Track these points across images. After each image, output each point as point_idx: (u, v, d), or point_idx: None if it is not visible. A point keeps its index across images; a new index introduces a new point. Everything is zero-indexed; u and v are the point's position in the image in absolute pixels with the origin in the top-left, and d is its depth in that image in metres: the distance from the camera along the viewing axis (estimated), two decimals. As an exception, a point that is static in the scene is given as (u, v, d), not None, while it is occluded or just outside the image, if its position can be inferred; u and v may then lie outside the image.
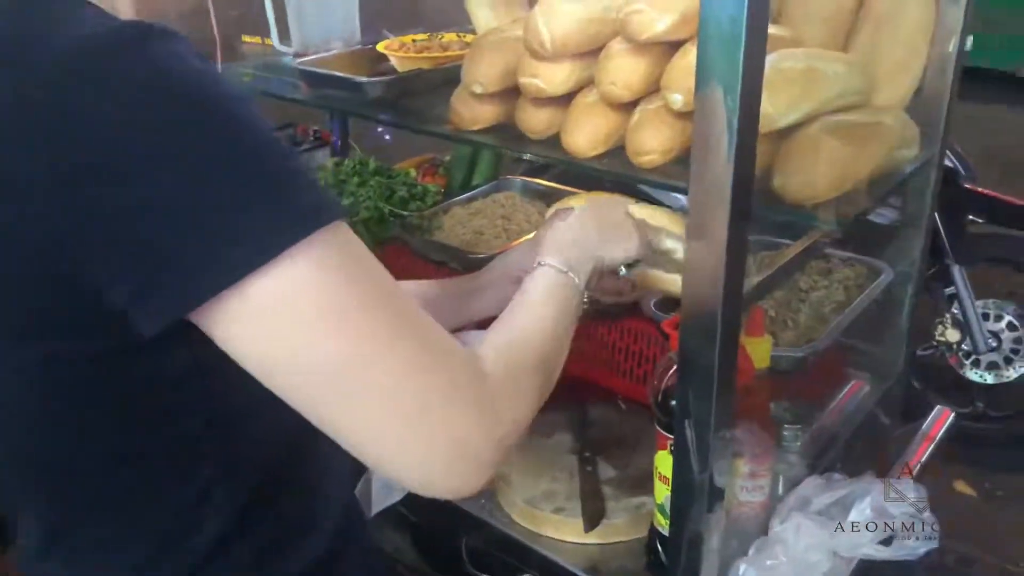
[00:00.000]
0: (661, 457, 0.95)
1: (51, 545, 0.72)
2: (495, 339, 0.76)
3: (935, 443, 1.26)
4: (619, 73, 0.98)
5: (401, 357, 0.60)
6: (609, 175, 1.04)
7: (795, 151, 0.93)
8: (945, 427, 1.28)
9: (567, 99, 1.05)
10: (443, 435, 0.62)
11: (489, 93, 1.09)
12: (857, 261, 1.33)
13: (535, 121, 1.08)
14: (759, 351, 0.97)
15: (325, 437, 0.63)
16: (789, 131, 0.93)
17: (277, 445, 0.73)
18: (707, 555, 0.89)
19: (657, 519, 0.99)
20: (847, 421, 1.27)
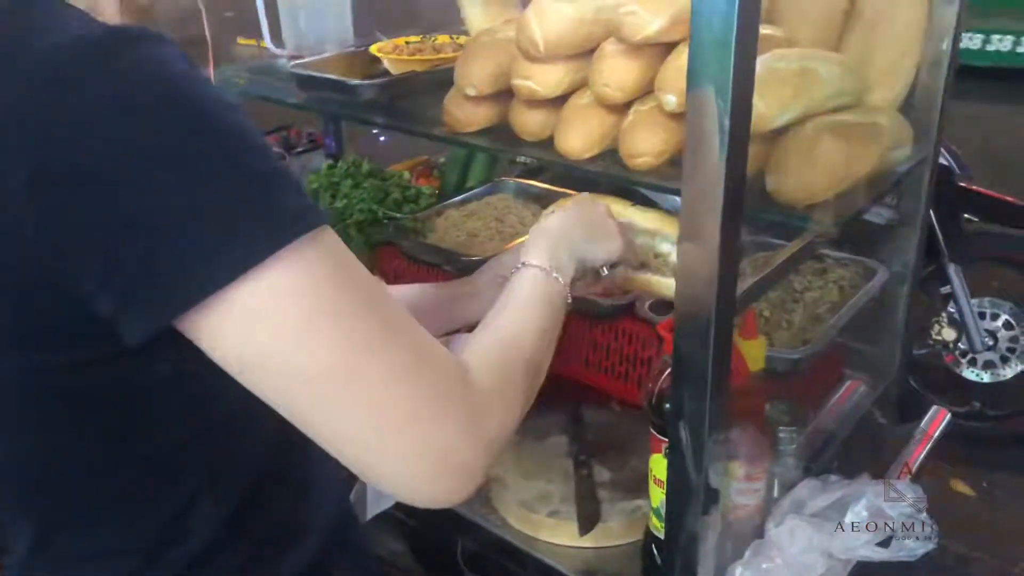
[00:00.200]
0: (656, 460, 0.94)
1: (37, 554, 0.72)
2: (481, 343, 0.75)
3: (931, 443, 1.26)
4: (612, 75, 0.98)
5: (388, 365, 0.60)
6: (603, 177, 1.03)
7: (789, 152, 0.92)
8: (941, 427, 1.28)
9: (561, 101, 1.05)
10: (430, 444, 0.61)
11: (482, 95, 1.09)
12: (852, 261, 1.33)
13: (529, 123, 1.08)
14: (754, 353, 0.97)
15: (315, 443, 0.62)
16: (783, 132, 0.93)
17: (265, 451, 0.73)
18: (703, 558, 0.89)
19: (652, 522, 0.99)
20: (843, 422, 1.27)
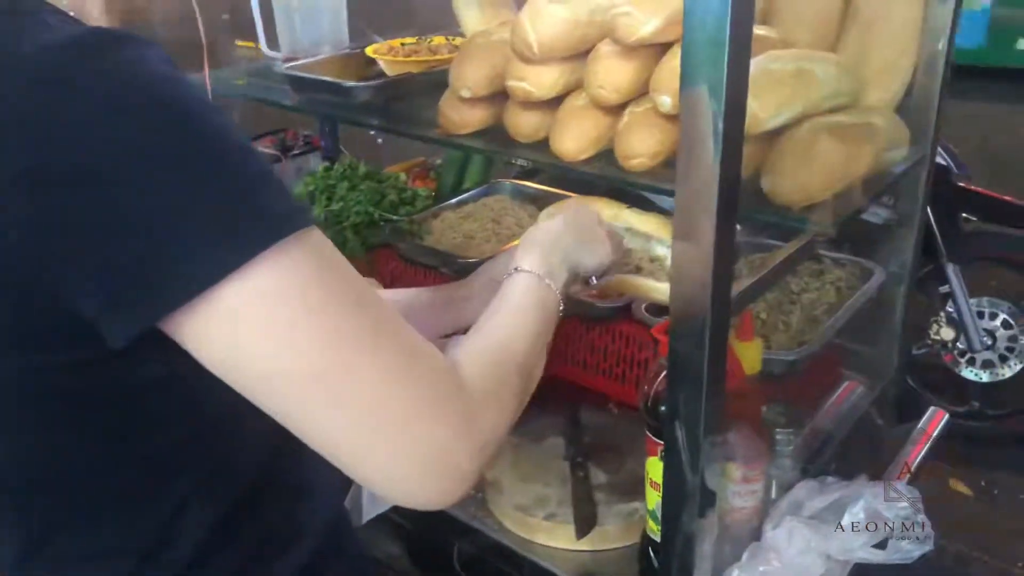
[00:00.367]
0: (652, 463, 0.94)
1: (29, 557, 0.71)
2: (473, 346, 0.75)
3: (929, 444, 1.25)
4: (607, 76, 0.98)
5: (378, 366, 0.60)
6: (597, 178, 1.03)
7: (785, 152, 0.92)
8: (938, 429, 1.27)
9: (556, 102, 1.04)
10: (421, 447, 0.61)
11: (477, 97, 1.09)
12: (849, 262, 1.32)
13: (524, 125, 1.07)
14: (750, 355, 0.96)
15: (309, 447, 0.62)
16: (779, 132, 0.93)
17: (259, 455, 0.72)
18: (699, 561, 0.88)
19: (649, 525, 0.98)
20: (841, 423, 1.27)
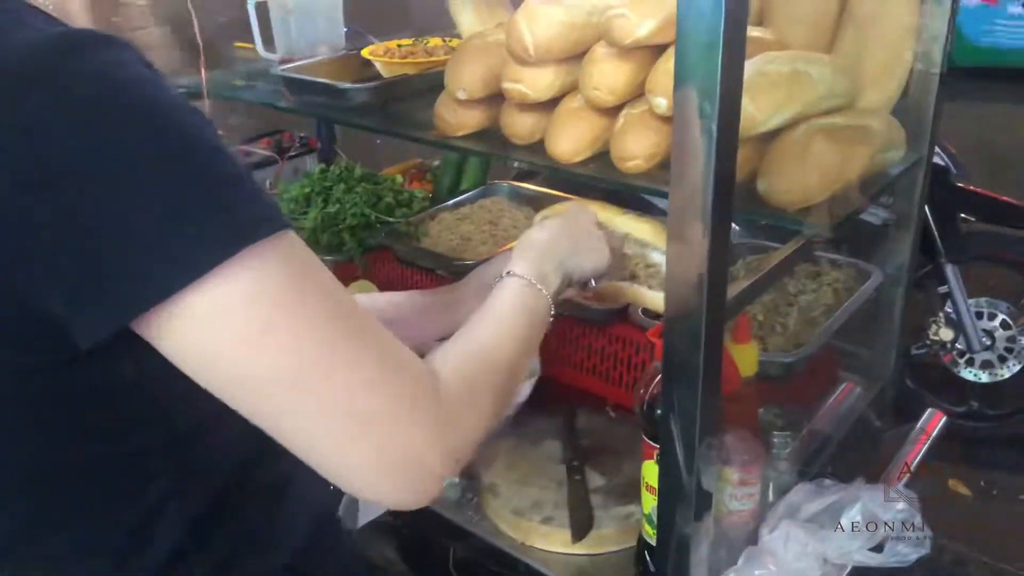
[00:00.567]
0: (648, 467, 0.93)
1: (4, 556, 0.71)
2: (454, 350, 0.74)
3: (928, 445, 1.25)
4: (603, 78, 0.98)
5: (353, 370, 0.59)
6: (593, 180, 1.03)
7: (780, 154, 0.92)
8: (937, 429, 1.27)
9: (551, 104, 1.04)
10: (395, 451, 0.61)
11: (473, 99, 1.09)
12: (846, 263, 1.32)
13: (520, 126, 1.07)
14: (746, 358, 0.96)
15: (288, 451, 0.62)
16: (774, 134, 0.93)
17: (234, 455, 0.72)
18: (695, 565, 0.88)
19: (645, 529, 0.98)
20: (839, 424, 1.26)
